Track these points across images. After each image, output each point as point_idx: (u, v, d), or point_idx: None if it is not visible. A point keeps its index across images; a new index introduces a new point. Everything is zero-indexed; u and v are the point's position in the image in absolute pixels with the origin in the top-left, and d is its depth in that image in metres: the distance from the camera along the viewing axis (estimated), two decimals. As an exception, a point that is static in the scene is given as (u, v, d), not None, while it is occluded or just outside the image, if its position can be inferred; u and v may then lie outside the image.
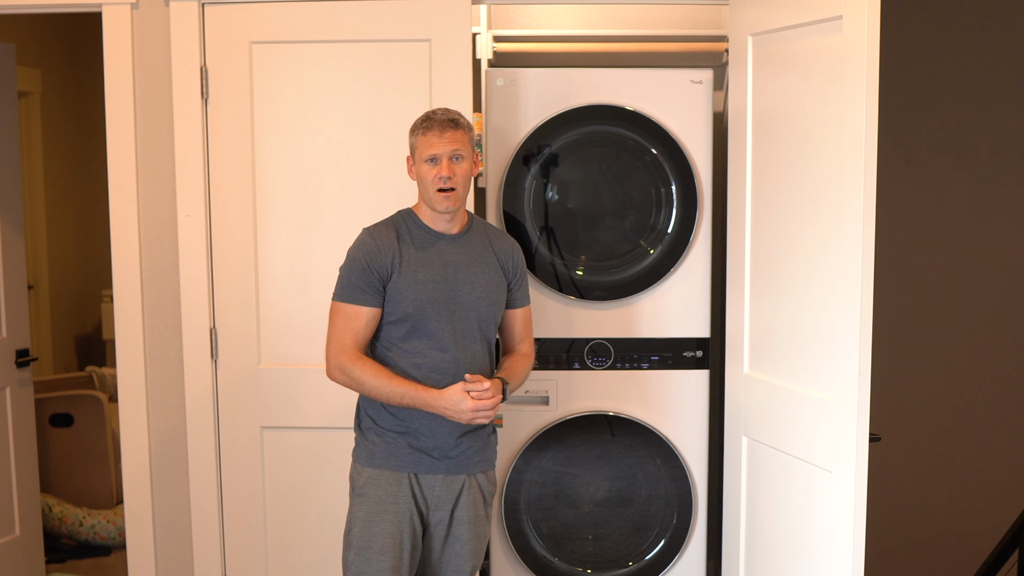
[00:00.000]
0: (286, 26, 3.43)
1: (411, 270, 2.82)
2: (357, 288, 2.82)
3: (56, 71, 6.31)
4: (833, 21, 2.80)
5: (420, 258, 2.85)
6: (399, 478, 2.85)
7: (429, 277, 2.84)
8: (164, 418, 3.63)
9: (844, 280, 2.77)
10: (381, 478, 2.86)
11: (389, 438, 2.86)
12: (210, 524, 3.59)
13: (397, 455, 2.86)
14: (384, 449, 2.86)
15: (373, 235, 2.86)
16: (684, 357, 3.51)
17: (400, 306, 2.82)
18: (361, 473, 2.89)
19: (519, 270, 3.03)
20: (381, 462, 2.86)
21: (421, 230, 2.89)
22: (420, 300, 2.82)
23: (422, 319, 2.82)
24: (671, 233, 3.45)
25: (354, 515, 2.89)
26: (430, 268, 2.85)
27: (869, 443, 2.78)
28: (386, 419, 2.87)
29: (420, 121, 2.85)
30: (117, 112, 3.54)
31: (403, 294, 2.81)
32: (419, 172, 2.84)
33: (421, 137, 2.83)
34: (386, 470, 2.85)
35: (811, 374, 2.96)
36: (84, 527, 4.90)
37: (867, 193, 2.70)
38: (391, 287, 2.82)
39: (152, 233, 3.58)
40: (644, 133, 3.42)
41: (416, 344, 2.84)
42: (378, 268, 2.81)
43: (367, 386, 2.80)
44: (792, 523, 3.07)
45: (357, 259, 2.83)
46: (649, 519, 3.54)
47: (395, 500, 2.84)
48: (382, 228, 2.89)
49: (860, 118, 2.69)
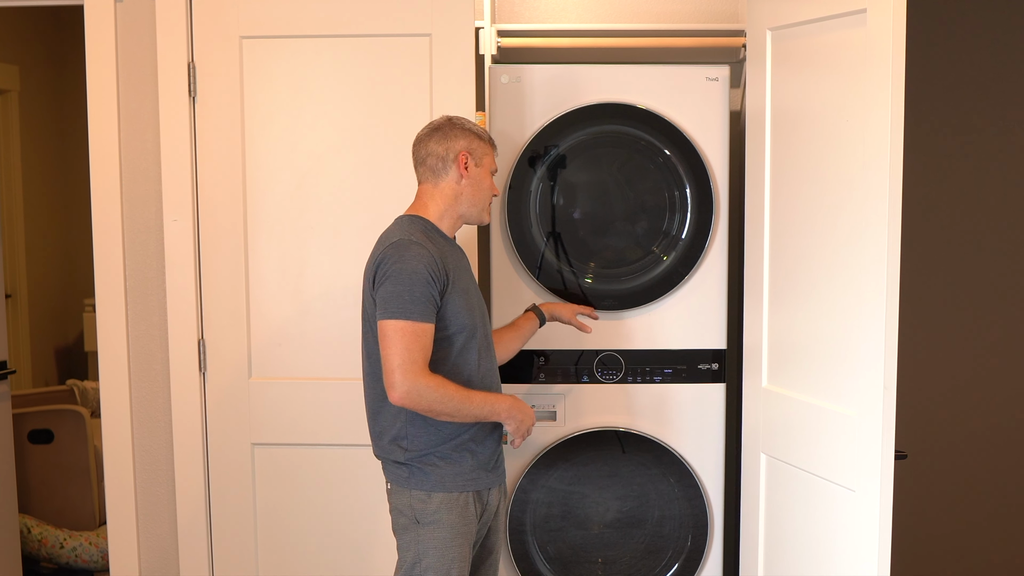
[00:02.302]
0: (278, 20, 3.43)
1: (456, 279, 2.83)
2: (422, 302, 2.73)
3: (35, 68, 6.33)
4: (857, 15, 2.80)
5: (455, 267, 2.85)
6: (467, 499, 2.87)
7: (468, 286, 2.88)
8: (149, 435, 3.63)
9: (868, 288, 2.77)
10: (454, 502, 2.84)
11: (454, 459, 2.85)
12: (198, 546, 3.59)
13: (464, 475, 2.86)
14: (451, 471, 2.85)
15: (425, 246, 2.78)
16: (699, 370, 3.51)
17: (457, 318, 2.81)
18: (429, 500, 2.84)
19: None
20: (451, 484, 2.84)
21: (441, 237, 2.89)
22: (471, 310, 2.85)
23: (474, 329, 2.85)
24: (685, 239, 3.45)
25: (425, 544, 2.83)
26: (465, 276, 2.89)
27: (895, 461, 2.78)
28: (444, 440, 2.84)
29: (486, 134, 2.94)
30: (100, 111, 3.55)
31: (458, 305, 2.81)
32: (482, 180, 2.90)
33: (491, 149, 2.94)
34: (455, 492, 2.85)
35: (833, 388, 2.96)
36: (65, 550, 4.90)
37: (892, 196, 2.70)
38: (448, 299, 2.79)
39: (137, 239, 3.59)
40: (657, 133, 3.42)
41: (471, 356, 2.86)
42: (440, 280, 2.77)
43: (450, 404, 2.75)
44: (813, 546, 3.07)
45: (419, 272, 2.73)
46: (662, 541, 3.54)
47: (467, 522, 2.86)
48: (423, 237, 2.82)
49: (885, 117, 2.69)
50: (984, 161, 4.31)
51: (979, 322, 4.37)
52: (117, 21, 3.53)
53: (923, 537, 4.37)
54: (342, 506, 3.49)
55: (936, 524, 4.40)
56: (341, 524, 3.50)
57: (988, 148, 4.31)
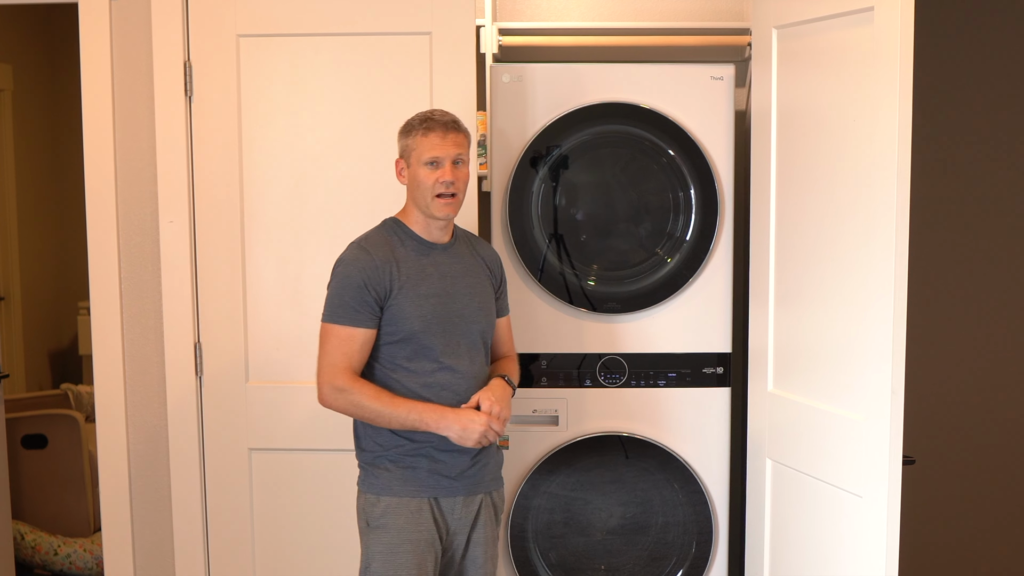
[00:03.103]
0: (276, 18, 3.43)
1: (412, 285, 2.81)
2: (351, 308, 2.79)
3: (29, 67, 6.33)
4: (864, 13, 2.80)
5: (419, 271, 2.84)
6: (419, 505, 2.84)
7: (431, 291, 2.83)
8: (145, 439, 3.63)
9: (876, 290, 2.77)
10: (401, 506, 2.83)
11: (406, 463, 2.84)
12: (194, 553, 3.59)
13: (416, 480, 2.84)
14: (401, 475, 2.84)
15: (366, 249, 2.83)
16: (704, 374, 3.51)
17: (404, 324, 2.81)
18: (377, 503, 2.85)
19: (503, 277, 3.08)
20: (399, 489, 2.84)
21: (413, 240, 2.87)
22: (425, 316, 2.81)
23: (428, 336, 2.82)
24: (690, 241, 3.45)
25: (372, 549, 2.85)
26: (430, 282, 2.84)
27: (902, 466, 2.78)
28: (399, 443, 2.84)
29: (419, 121, 2.84)
30: (94, 111, 3.55)
31: (406, 311, 2.80)
32: (416, 176, 2.83)
33: (421, 138, 2.81)
34: (405, 497, 2.84)
35: (840, 392, 2.96)
36: (59, 556, 4.90)
37: (900, 197, 2.70)
38: (392, 305, 2.80)
39: (132, 240, 3.59)
40: (661, 133, 3.42)
41: (423, 363, 2.83)
42: (375, 286, 2.78)
43: (366, 410, 2.79)
44: (820, 552, 3.07)
45: (351, 276, 2.80)
46: (666, 548, 3.53)
47: (417, 528, 2.83)
48: (375, 241, 2.86)
49: (893, 117, 2.69)
50: (994, 162, 4.30)
51: (989, 325, 4.36)
52: (112, 19, 3.53)
53: (931, 544, 4.37)
54: (342, 513, 3.48)
55: (944, 531, 4.40)
56: (340, 531, 3.48)
57: (998, 148, 4.30)
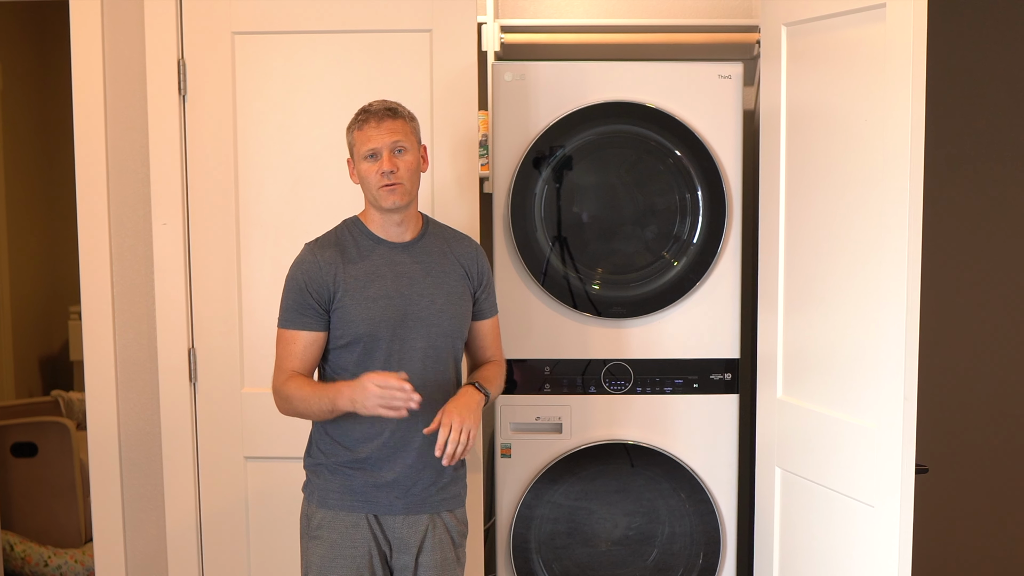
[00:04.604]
0: (272, 15, 3.44)
1: (358, 287, 2.77)
2: (292, 311, 2.79)
3: (19, 65, 6.34)
4: (876, 10, 2.80)
5: (368, 272, 2.80)
6: (356, 520, 2.81)
7: (380, 293, 2.78)
8: (137, 448, 3.63)
9: (888, 295, 2.77)
10: (336, 520, 2.81)
11: (344, 474, 2.82)
12: (188, 565, 3.59)
13: (352, 494, 2.81)
14: (338, 487, 2.82)
15: (313, 250, 2.82)
16: (711, 380, 3.51)
17: (350, 327, 2.78)
18: (314, 515, 2.84)
19: (484, 277, 2.97)
20: (335, 502, 2.82)
21: (368, 239, 2.84)
22: (372, 319, 2.77)
23: (375, 340, 2.78)
24: (697, 244, 3.45)
25: (309, 560, 2.84)
26: (381, 283, 2.79)
27: (915, 475, 2.78)
28: (337, 452, 2.83)
29: (355, 116, 2.82)
30: (86, 110, 3.55)
31: (352, 314, 2.77)
32: (359, 171, 2.79)
33: (357, 132, 2.78)
34: (341, 511, 2.81)
35: (851, 399, 2.96)
36: (50, 568, 4.90)
37: (913, 199, 2.70)
38: (337, 307, 2.77)
39: (124, 243, 3.59)
40: (667, 133, 3.42)
41: (374, 367, 2.76)
42: (316, 288, 2.77)
43: (295, 401, 2.76)
44: (830, 563, 3.07)
45: (295, 278, 2.79)
46: (672, 559, 3.53)
47: (352, 544, 2.80)
48: (325, 241, 2.85)
49: (905, 116, 2.70)
50: (1010, 162, 4.30)
51: (1004, 330, 4.36)
52: (104, 16, 3.54)
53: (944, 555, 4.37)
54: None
55: (959, 542, 4.40)
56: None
57: (1013, 148, 4.30)
